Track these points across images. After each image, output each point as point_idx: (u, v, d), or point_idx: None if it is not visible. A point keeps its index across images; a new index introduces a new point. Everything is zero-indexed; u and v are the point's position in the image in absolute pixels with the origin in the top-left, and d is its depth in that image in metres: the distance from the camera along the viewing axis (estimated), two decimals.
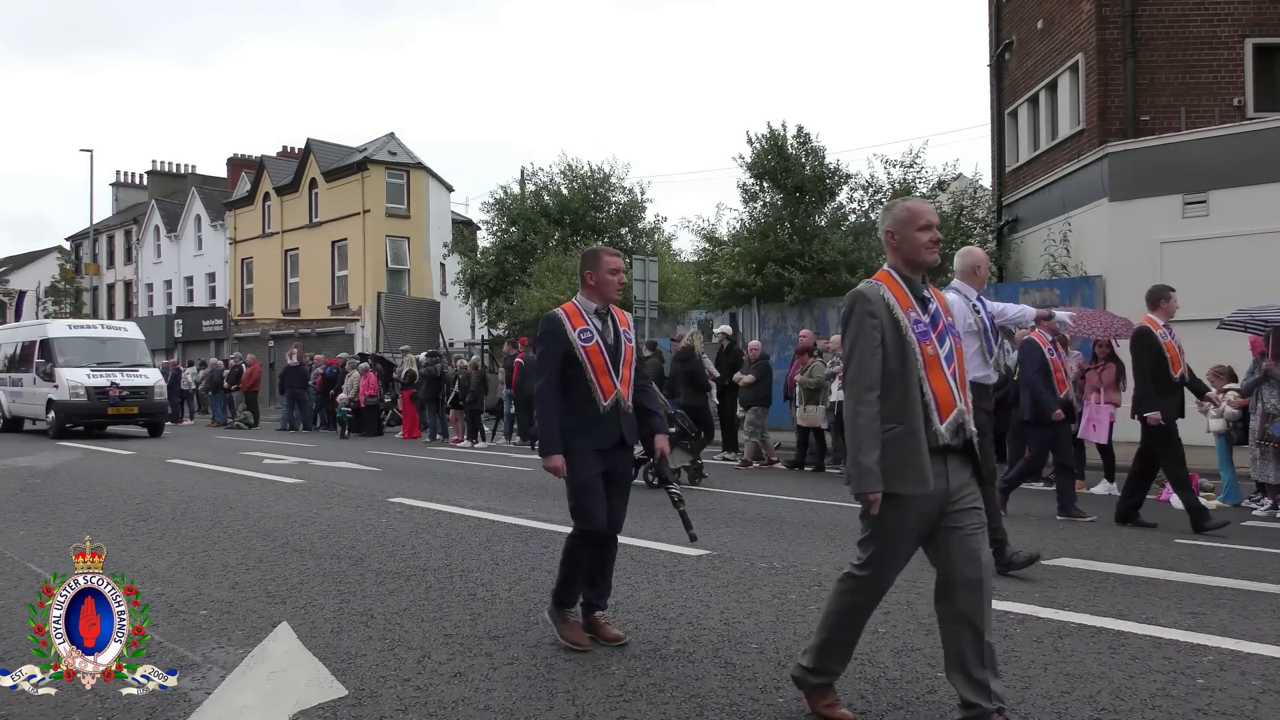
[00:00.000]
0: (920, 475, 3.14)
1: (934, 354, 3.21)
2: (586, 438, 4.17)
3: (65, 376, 19.02)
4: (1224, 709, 3.49)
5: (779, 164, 19.43)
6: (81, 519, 8.15)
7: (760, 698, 3.61)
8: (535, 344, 4.41)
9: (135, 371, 19.96)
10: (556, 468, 4.14)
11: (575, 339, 4.22)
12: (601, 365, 4.22)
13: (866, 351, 3.18)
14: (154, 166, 46.72)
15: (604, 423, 4.21)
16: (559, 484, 4.41)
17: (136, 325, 23.80)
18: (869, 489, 3.12)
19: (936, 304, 3.33)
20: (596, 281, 4.33)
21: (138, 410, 19.50)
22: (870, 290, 3.27)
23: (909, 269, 3.34)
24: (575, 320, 4.28)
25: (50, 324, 22.32)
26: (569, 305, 4.38)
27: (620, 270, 4.38)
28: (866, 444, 3.12)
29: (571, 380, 4.22)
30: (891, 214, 3.39)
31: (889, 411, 3.15)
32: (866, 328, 3.19)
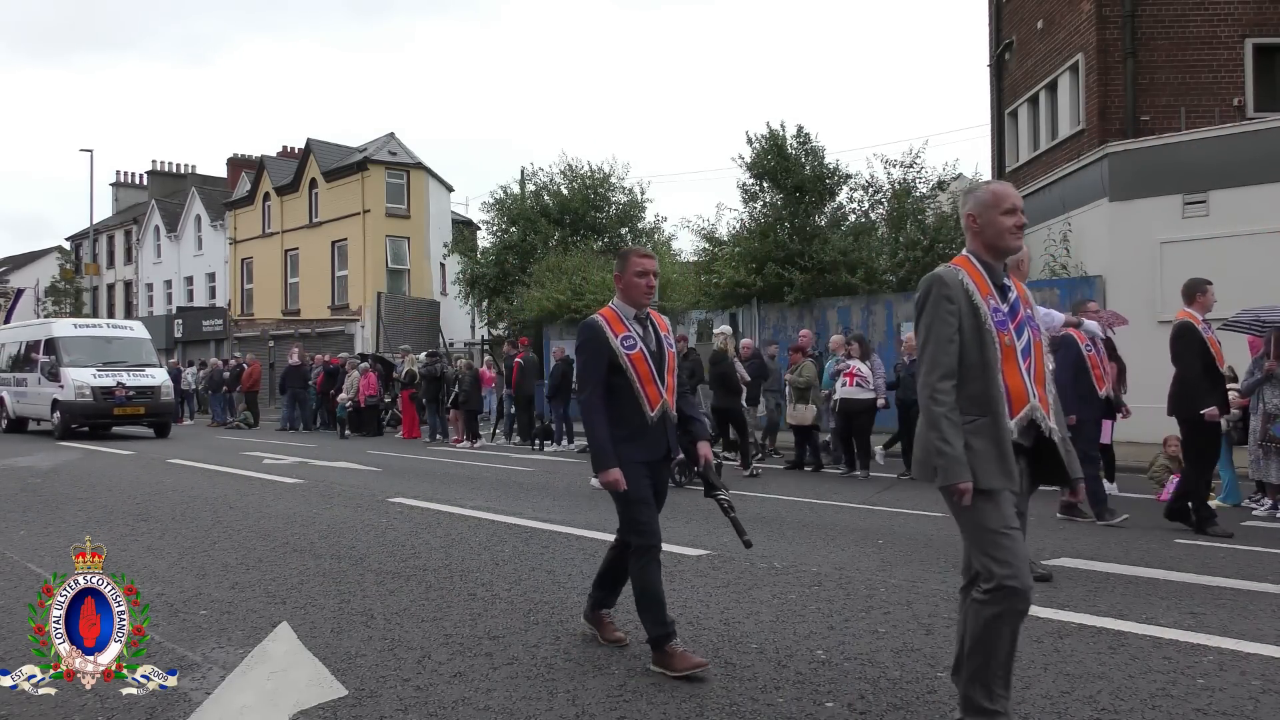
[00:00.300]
0: (1007, 469, 2.99)
1: (1010, 345, 3.06)
2: (635, 449, 3.99)
3: (71, 376, 18.78)
4: (1224, 709, 3.49)
5: (779, 164, 19.43)
6: (81, 519, 8.15)
7: (760, 698, 3.61)
8: (576, 352, 4.19)
9: (142, 371, 19.76)
10: (616, 480, 3.91)
11: (618, 346, 4.02)
12: (647, 373, 4.03)
13: (942, 338, 3.03)
14: (154, 166, 46.75)
15: (651, 433, 4.04)
16: (559, 484, 4.42)
17: (142, 324, 23.64)
18: (958, 479, 2.94)
19: (1016, 294, 3.18)
20: (624, 284, 4.14)
21: (144, 410, 19.26)
22: (949, 275, 3.11)
23: (990, 255, 3.18)
24: (616, 326, 4.08)
25: (55, 323, 22.08)
26: (607, 310, 4.17)
27: (650, 273, 4.14)
28: (950, 431, 2.96)
29: (615, 390, 4.02)
30: (974, 196, 3.23)
31: (968, 403, 3.01)
32: (942, 313, 3.05)
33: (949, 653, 4.14)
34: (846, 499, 9.37)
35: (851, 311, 17.86)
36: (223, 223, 39.05)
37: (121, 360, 19.79)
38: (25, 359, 20.83)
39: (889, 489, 10.32)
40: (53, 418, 19.08)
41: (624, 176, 27.88)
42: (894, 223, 19.17)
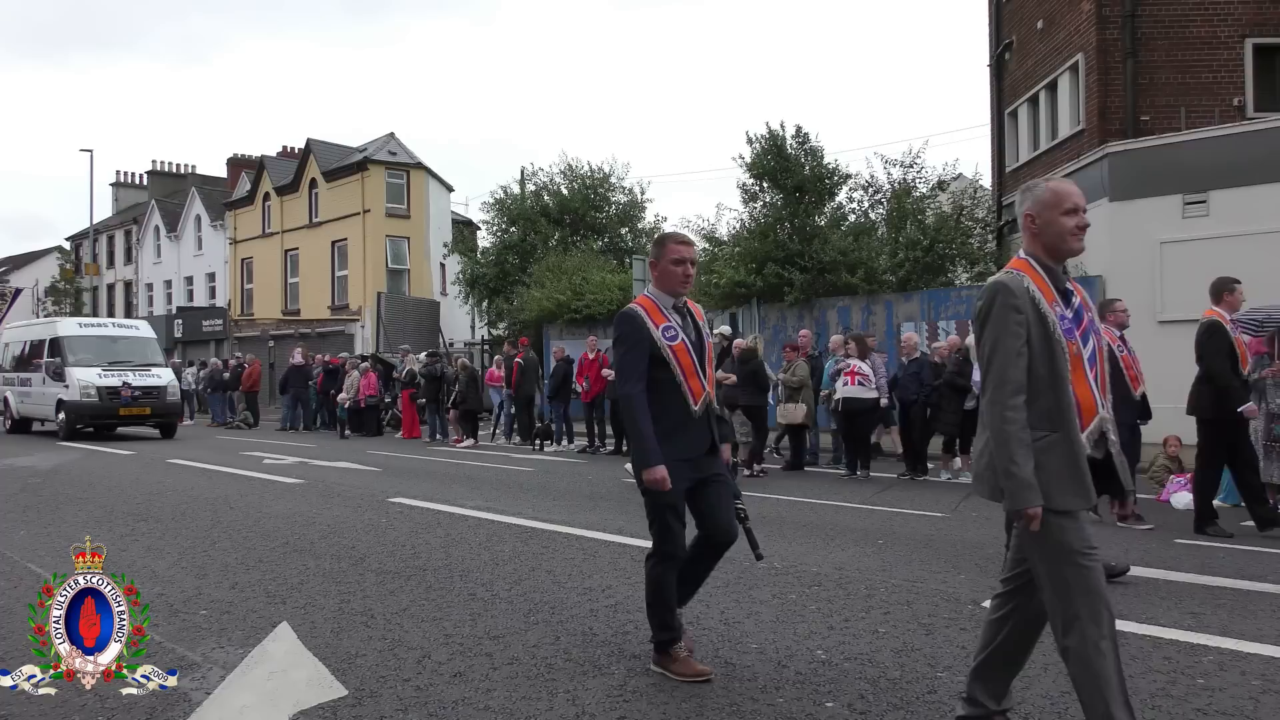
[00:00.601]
0: (1082, 486, 2.83)
1: (1078, 354, 2.91)
2: (675, 447, 3.79)
3: (76, 376, 18.55)
4: (1224, 709, 3.49)
5: (779, 164, 19.44)
6: (81, 519, 8.15)
7: (760, 698, 3.61)
8: (615, 344, 3.97)
9: (148, 371, 19.53)
10: (661, 479, 3.72)
11: (660, 338, 3.82)
12: (690, 365, 3.85)
13: (1010, 351, 2.85)
14: (154, 166, 46.77)
15: (695, 428, 3.86)
16: (559, 484, 4.42)
17: (148, 323, 23.42)
18: (1029, 503, 2.77)
19: (1079, 298, 3.02)
20: (660, 271, 3.94)
21: (150, 411, 19.04)
22: (1014, 282, 2.92)
23: (1050, 257, 3.01)
24: (656, 317, 3.87)
25: (60, 322, 21.88)
26: (644, 300, 3.96)
27: (688, 260, 3.93)
28: (1020, 452, 2.78)
29: (656, 384, 3.82)
30: (1032, 195, 3.04)
31: (1038, 418, 2.84)
32: (1010, 324, 2.86)
33: (949, 653, 4.15)
34: (846, 499, 9.36)
35: (851, 311, 17.86)
36: (223, 223, 39.05)
37: (127, 360, 19.58)
38: (29, 359, 20.59)
39: (889, 489, 10.32)
40: (57, 418, 18.84)
41: (624, 176, 27.93)
42: (894, 223, 19.17)
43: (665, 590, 3.90)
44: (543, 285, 23.38)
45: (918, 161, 19.64)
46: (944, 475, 11.29)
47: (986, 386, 2.90)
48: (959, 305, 16.52)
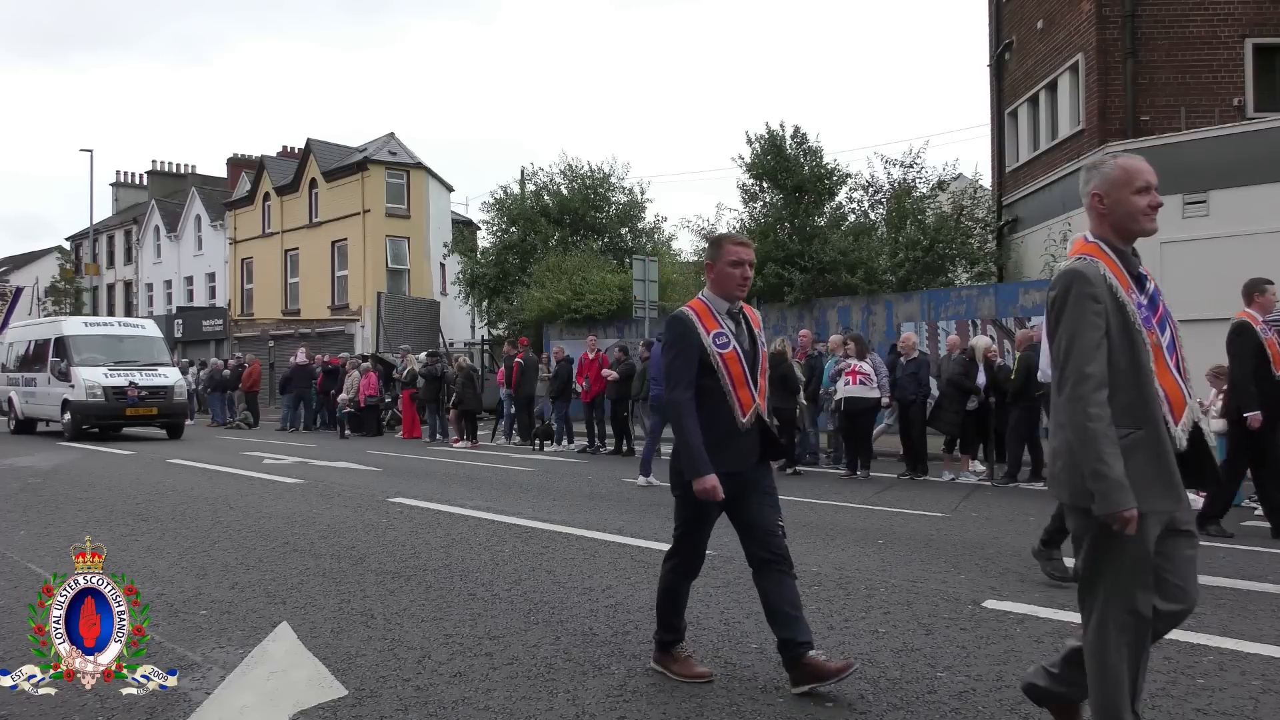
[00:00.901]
0: (1170, 486, 2.66)
1: (1157, 344, 2.72)
2: (719, 459, 3.62)
3: (82, 376, 18.28)
4: (1224, 709, 3.48)
5: (778, 164, 19.44)
6: (81, 519, 8.15)
7: (760, 698, 3.61)
8: (664, 349, 3.78)
9: (154, 370, 19.27)
10: (713, 489, 3.56)
11: (710, 344, 3.66)
12: (740, 375, 3.67)
13: (1090, 343, 2.66)
14: (154, 166, 46.77)
15: (742, 440, 3.69)
16: (559, 484, 4.41)
17: (154, 323, 23.14)
18: (1123, 505, 2.56)
19: (1153, 283, 2.82)
20: (716, 274, 3.78)
21: (157, 411, 18.79)
22: (1090, 270, 2.72)
23: (1120, 239, 2.81)
24: (707, 322, 3.71)
25: (66, 321, 21.55)
26: (697, 303, 3.80)
27: (746, 262, 3.74)
28: (1109, 451, 2.59)
29: (703, 392, 3.65)
30: (1100, 172, 2.88)
31: (1120, 415, 2.65)
32: (1089, 314, 2.67)
33: (949, 653, 4.15)
34: (846, 499, 9.36)
35: (851, 311, 17.86)
36: (223, 223, 39.05)
37: (133, 359, 19.33)
38: (34, 358, 20.35)
39: (889, 489, 10.32)
40: (63, 418, 18.61)
41: (624, 176, 27.92)
42: (894, 223, 19.17)
43: (675, 596, 3.85)
44: (543, 285, 23.38)
45: (918, 161, 19.66)
46: (945, 475, 11.30)
47: (1064, 383, 2.70)
48: (959, 305, 16.52)
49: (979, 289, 17.05)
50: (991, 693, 3.66)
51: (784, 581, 3.68)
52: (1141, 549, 2.66)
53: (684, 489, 3.69)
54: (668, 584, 3.86)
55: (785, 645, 3.64)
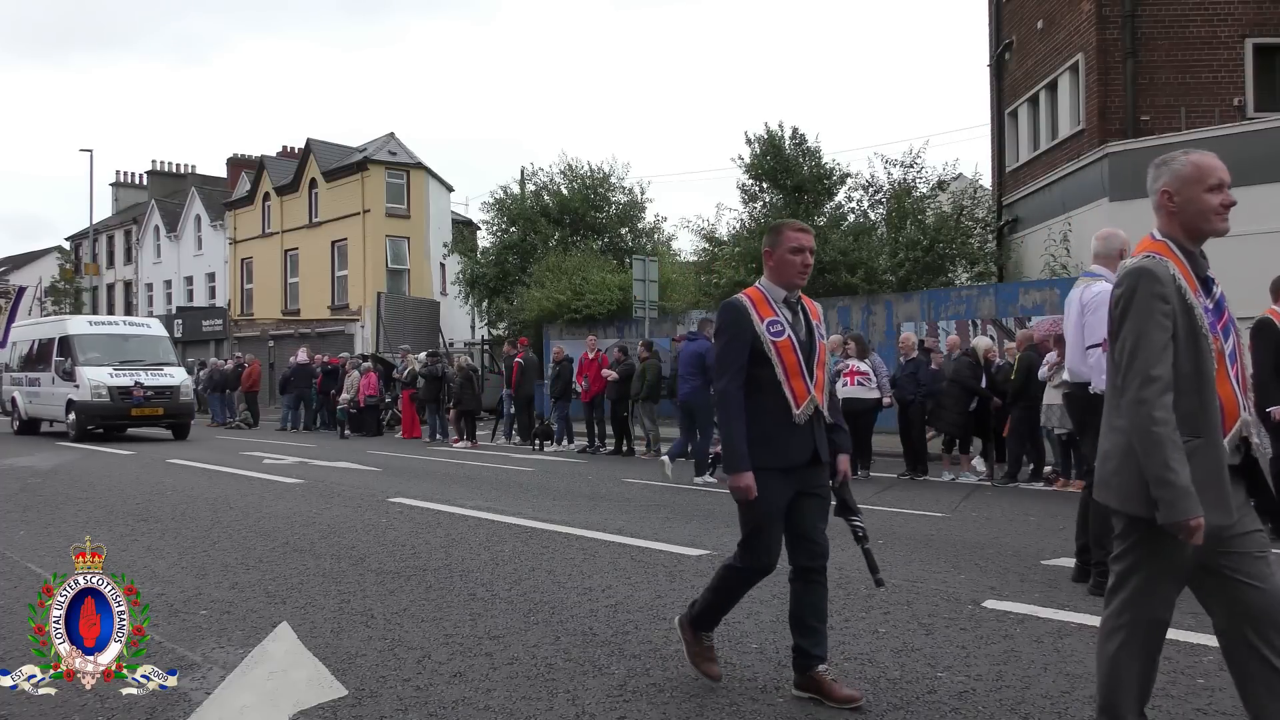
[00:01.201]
0: (1223, 501, 2.55)
1: (1220, 351, 2.62)
2: (771, 454, 3.46)
3: (86, 376, 18.05)
4: (1224, 709, 3.48)
5: (778, 164, 19.45)
6: (81, 519, 8.15)
7: (760, 698, 3.61)
8: (715, 336, 3.65)
9: (160, 370, 19.03)
10: (748, 486, 3.42)
11: (764, 332, 3.51)
12: (794, 365, 3.50)
13: (1157, 344, 2.55)
14: (154, 166, 46.78)
15: (796, 435, 3.50)
16: (559, 484, 4.41)
17: (160, 322, 22.86)
18: (1190, 513, 2.46)
19: (1219, 288, 2.71)
20: (776, 261, 3.64)
21: (163, 411, 18.57)
22: (1159, 268, 2.61)
23: (1189, 239, 2.70)
24: (762, 309, 3.56)
25: (70, 320, 21.36)
26: (753, 290, 3.68)
27: (807, 249, 3.61)
28: (1176, 458, 2.48)
29: (756, 383, 3.50)
30: (1170, 169, 2.74)
31: (1179, 422, 2.54)
32: (1157, 314, 2.56)
33: (949, 653, 4.15)
34: None
35: (851, 311, 17.86)
36: (223, 223, 39.05)
37: (139, 359, 19.13)
38: (38, 358, 20.15)
39: (889, 489, 10.32)
40: (67, 419, 18.37)
41: (624, 176, 27.93)
42: (894, 223, 19.17)
43: (732, 591, 3.68)
44: (543, 285, 23.39)
45: (918, 161, 19.66)
46: (945, 475, 11.30)
47: (1128, 384, 2.59)
48: (959, 305, 16.52)
49: (979, 289, 17.05)
50: (991, 693, 3.66)
51: (816, 590, 3.57)
52: (1184, 560, 2.60)
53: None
54: (728, 584, 3.67)
55: (799, 652, 3.58)
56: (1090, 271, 5.61)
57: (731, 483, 3.47)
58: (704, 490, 10.14)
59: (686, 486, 10.41)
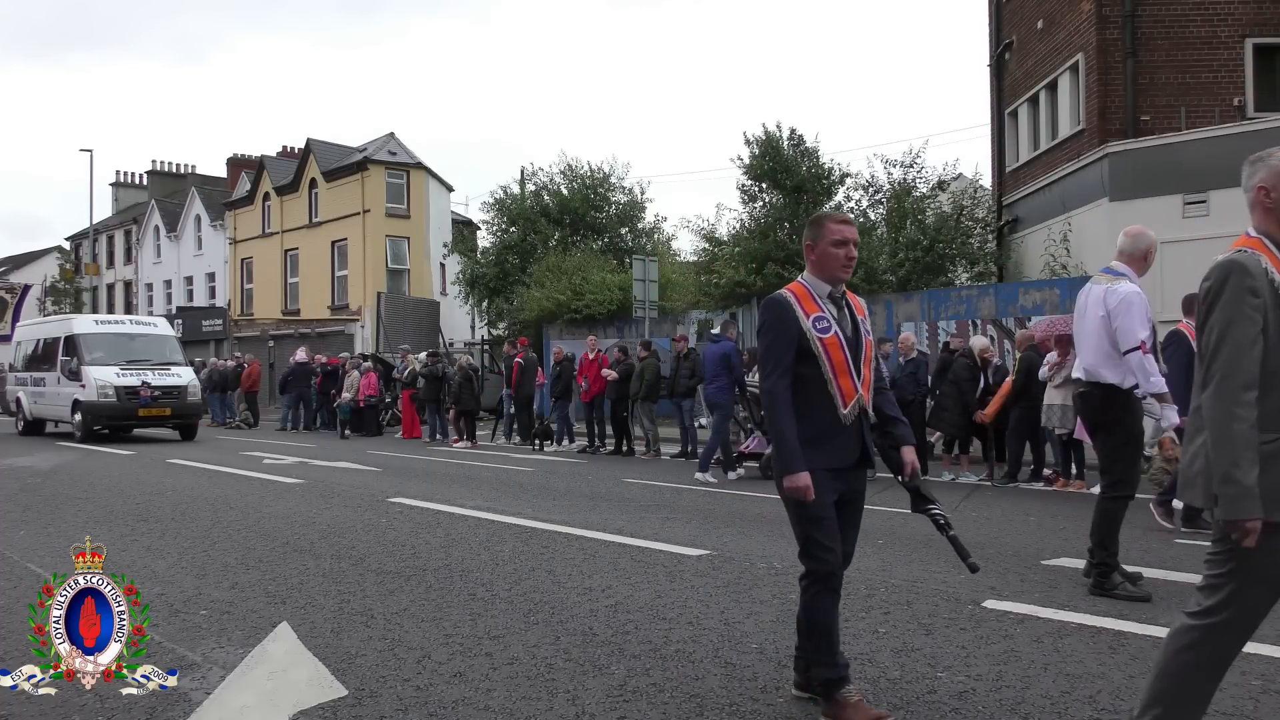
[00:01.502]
0: None
1: None
2: (819, 454, 3.34)
3: (93, 375, 17.81)
4: (1224, 709, 3.48)
5: (777, 165, 19.44)
6: (81, 519, 8.15)
7: (760, 698, 3.61)
8: (760, 333, 3.51)
9: (167, 370, 18.76)
10: (805, 486, 3.27)
11: (810, 329, 3.38)
12: (842, 363, 3.39)
13: (1244, 340, 2.48)
14: (154, 166, 46.81)
15: (844, 434, 3.40)
16: (559, 484, 4.40)
17: (166, 320, 22.51)
18: (1247, 514, 2.42)
19: None
20: (818, 255, 3.49)
21: (170, 412, 18.30)
22: (1250, 261, 2.56)
23: None
24: (807, 305, 3.43)
25: (76, 319, 21.07)
26: (796, 286, 3.53)
27: (850, 241, 3.47)
28: (1245, 458, 2.43)
29: (802, 381, 3.38)
30: (1266, 165, 2.73)
31: (1266, 419, 2.48)
32: (1245, 308, 2.49)
33: (949, 653, 4.15)
34: None
35: None
36: (223, 223, 39.06)
37: (145, 359, 18.88)
38: (43, 357, 19.89)
39: (889, 489, 10.31)
40: (73, 419, 18.14)
41: (624, 176, 27.94)
42: (894, 223, 19.17)
43: (822, 616, 3.39)
44: (543, 285, 23.39)
45: (918, 161, 19.65)
46: (945, 475, 11.30)
47: (1211, 378, 2.53)
48: (959, 305, 16.51)
49: (979, 289, 17.04)
50: (991, 693, 3.66)
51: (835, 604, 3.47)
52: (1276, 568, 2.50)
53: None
54: (810, 608, 3.41)
55: (802, 653, 3.53)
56: (1110, 269, 5.48)
57: (787, 484, 3.32)
58: (704, 490, 10.14)
59: (687, 486, 10.41)
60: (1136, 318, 5.21)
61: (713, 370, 11.71)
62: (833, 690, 3.35)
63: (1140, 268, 5.44)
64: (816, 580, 3.40)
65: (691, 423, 14.49)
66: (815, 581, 3.40)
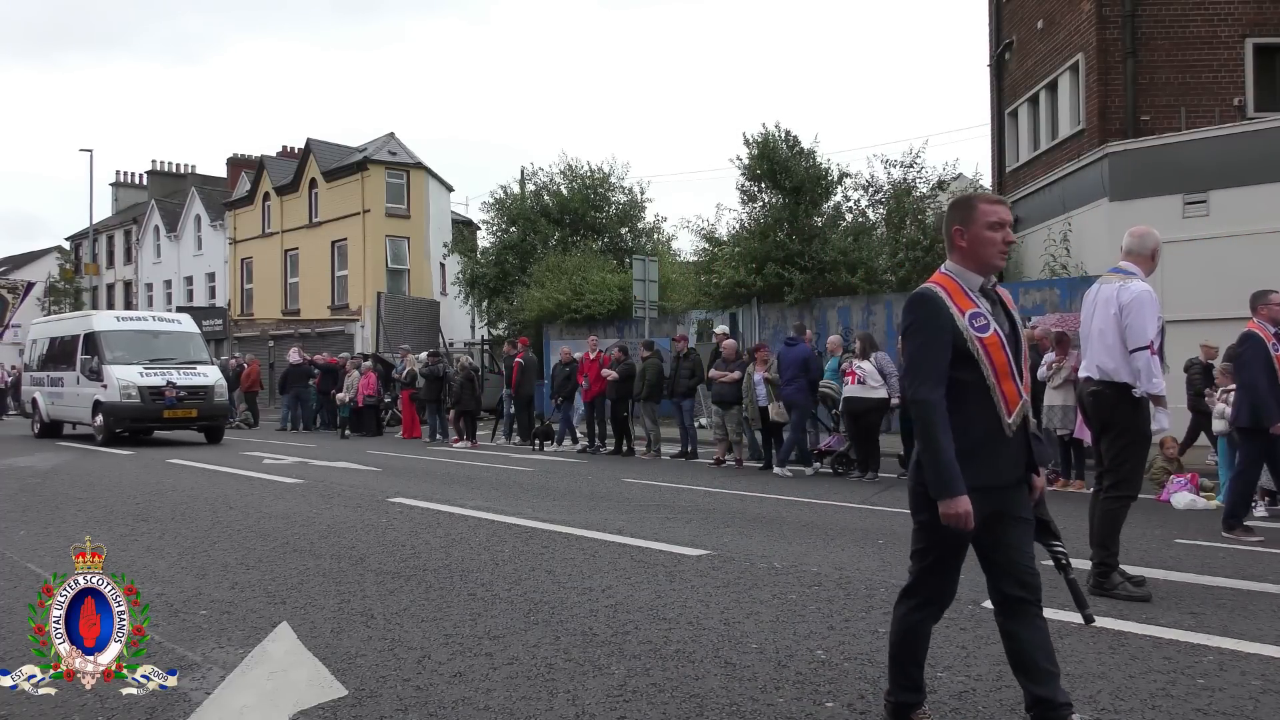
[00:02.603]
0: None
1: None
2: (972, 471, 2.90)
3: (115, 375, 16.78)
4: (1224, 709, 3.48)
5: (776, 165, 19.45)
6: (81, 519, 8.15)
7: (760, 698, 3.61)
8: (906, 334, 3.04)
9: (192, 369, 17.79)
10: (966, 514, 2.85)
11: (966, 328, 2.95)
12: (1004, 365, 2.96)
13: None
14: (154, 166, 46.81)
15: (1005, 447, 2.98)
16: (559, 484, 4.39)
17: (190, 317, 21.11)
18: None
19: None
20: (969, 241, 3.04)
21: (196, 413, 17.30)
22: None
23: None
24: (960, 300, 2.99)
25: (96, 315, 19.97)
26: (943, 278, 3.07)
27: (1006, 224, 3.03)
28: None
29: (957, 387, 2.95)
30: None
31: None
32: None
33: (949, 653, 4.15)
34: (846, 499, 9.36)
35: (851, 311, 17.86)
36: (222, 223, 39.06)
37: (169, 357, 17.90)
38: (60, 356, 18.92)
39: (889, 489, 10.32)
40: (94, 422, 17.23)
41: (624, 176, 27.95)
42: (893, 223, 19.18)
43: (917, 639, 3.14)
44: (543, 285, 23.40)
45: (918, 161, 19.66)
46: None
47: None
48: None
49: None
50: (991, 693, 3.66)
51: (1039, 626, 3.03)
52: None
53: (930, 512, 2.96)
54: (908, 625, 3.13)
55: (1040, 704, 3.00)
56: (1119, 268, 5.46)
57: (945, 510, 2.87)
58: (704, 490, 10.14)
59: (687, 486, 10.42)
60: (1148, 316, 5.23)
61: (791, 372, 12.21)
62: (906, 712, 3.20)
63: (1148, 267, 5.41)
64: (928, 604, 3.11)
65: (691, 423, 14.50)
66: (926, 605, 3.11)
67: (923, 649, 3.17)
